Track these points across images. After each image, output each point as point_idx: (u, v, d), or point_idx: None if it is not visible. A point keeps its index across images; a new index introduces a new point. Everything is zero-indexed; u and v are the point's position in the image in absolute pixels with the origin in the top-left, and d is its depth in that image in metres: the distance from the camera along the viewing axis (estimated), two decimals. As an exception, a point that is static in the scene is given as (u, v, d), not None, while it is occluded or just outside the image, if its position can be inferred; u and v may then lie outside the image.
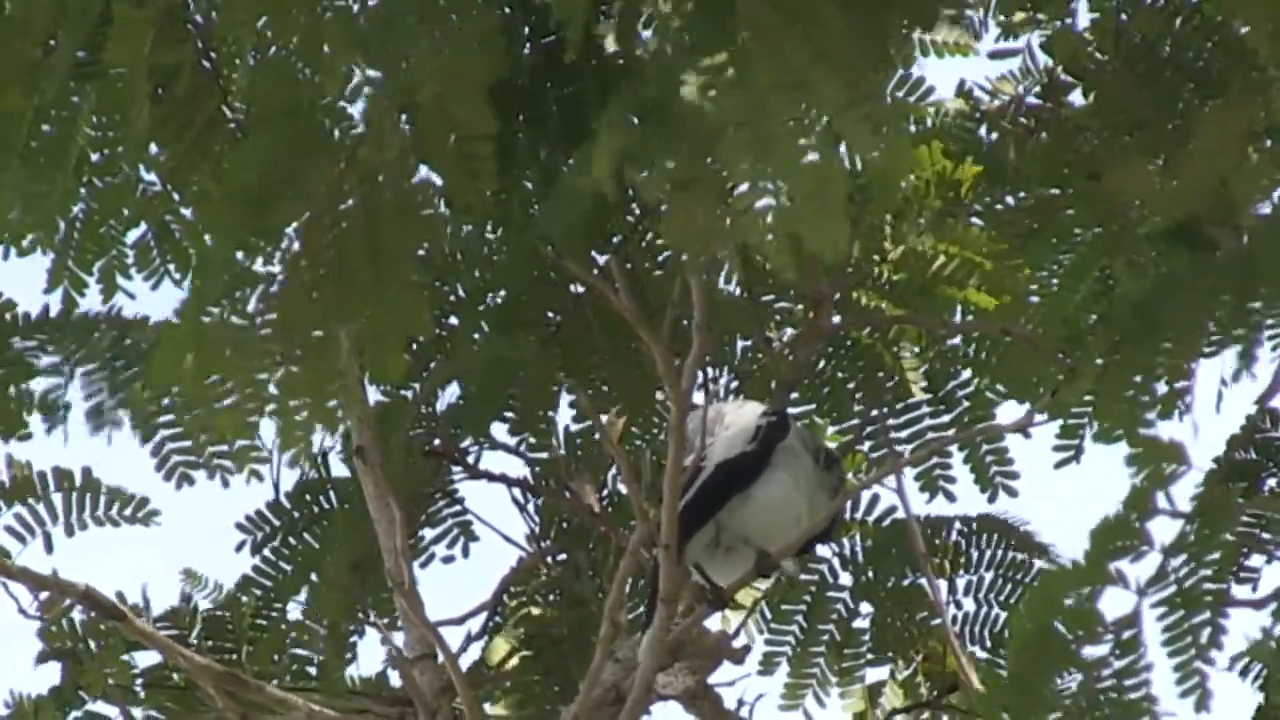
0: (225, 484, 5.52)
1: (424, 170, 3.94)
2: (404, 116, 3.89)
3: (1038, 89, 5.19)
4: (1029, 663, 3.87)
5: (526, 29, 4.14)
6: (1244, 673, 4.74)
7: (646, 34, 3.86)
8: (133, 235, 5.56)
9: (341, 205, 3.82)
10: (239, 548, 6.07)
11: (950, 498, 5.89)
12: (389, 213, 3.83)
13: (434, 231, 3.91)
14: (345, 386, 3.79)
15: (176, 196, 5.06)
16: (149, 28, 4.05)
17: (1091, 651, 3.88)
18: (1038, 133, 5.13)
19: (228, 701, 5.52)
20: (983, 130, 5.35)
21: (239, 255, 3.84)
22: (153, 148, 4.56)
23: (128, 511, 5.74)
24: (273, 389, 3.74)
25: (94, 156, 4.66)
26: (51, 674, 5.89)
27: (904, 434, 5.96)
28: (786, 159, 3.48)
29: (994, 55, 5.33)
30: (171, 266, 5.59)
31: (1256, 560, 4.42)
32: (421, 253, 3.94)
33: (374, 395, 5.91)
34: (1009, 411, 5.91)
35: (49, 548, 5.71)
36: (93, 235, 5.42)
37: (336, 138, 3.88)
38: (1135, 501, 3.93)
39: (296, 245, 3.80)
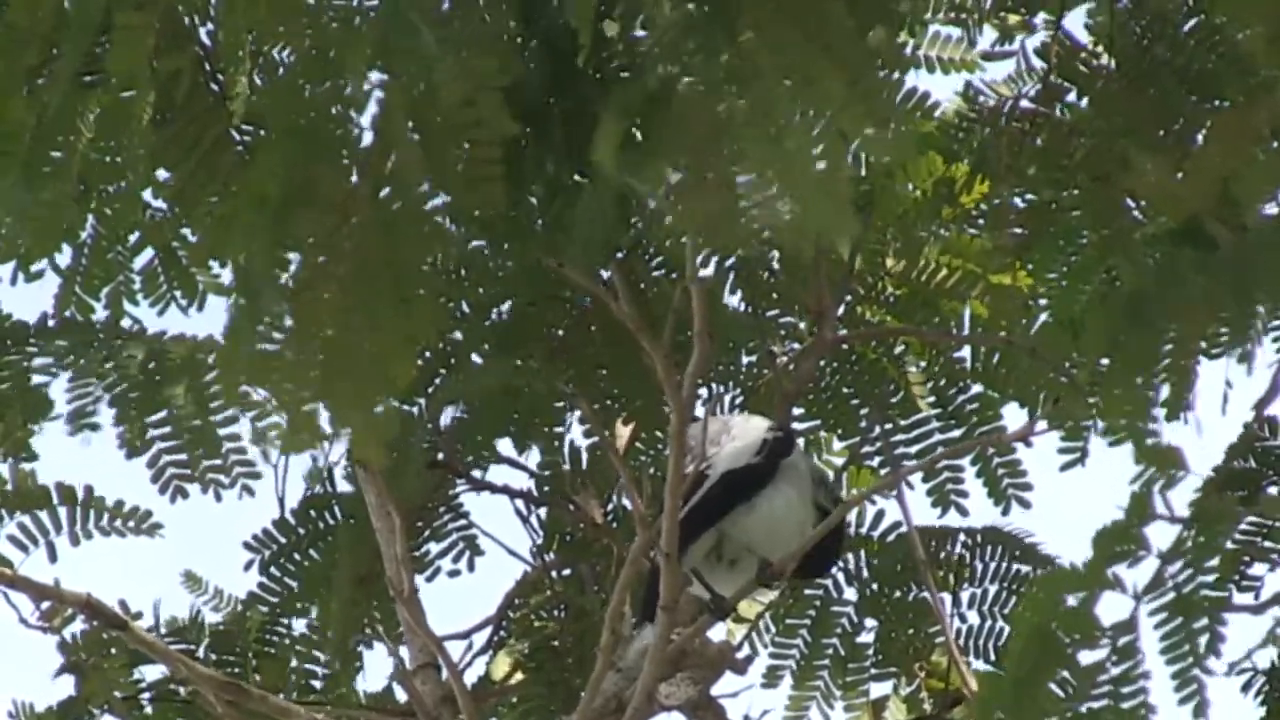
0: (218, 498, 5.55)
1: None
2: (410, 125, 3.91)
3: (1033, 92, 5.20)
4: (1029, 666, 3.85)
5: (531, 42, 4.15)
6: (1246, 687, 4.71)
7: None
8: (139, 261, 5.59)
9: (356, 217, 3.83)
10: (248, 566, 6.09)
11: (963, 511, 5.90)
12: (400, 222, 3.84)
13: (444, 241, 3.92)
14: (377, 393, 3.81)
15: (183, 221, 5.08)
16: (150, 33, 4.06)
17: (1088, 657, 3.86)
18: (1033, 135, 5.13)
19: (229, 710, 5.52)
20: (978, 131, 5.36)
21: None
22: (160, 173, 4.59)
23: (131, 524, 5.76)
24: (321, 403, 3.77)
25: (101, 175, 4.69)
26: (56, 683, 5.91)
27: (913, 449, 5.96)
28: (794, 153, 3.50)
29: (988, 57, 5.34)
30: (178, 293, 5.62)
31: (1259, 569, 4.41)
32: (427, 266, 3.96)
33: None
34: (1017, 422, 5.93)
35: (52, 557, 5.74)
36: (100, 261, 5.46)
37: (346, 148, 3.90)
38: (1136, 508, 3.92)
39: (319, 258, 3.81)
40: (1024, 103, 5.23)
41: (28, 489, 5.73)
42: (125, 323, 5.67)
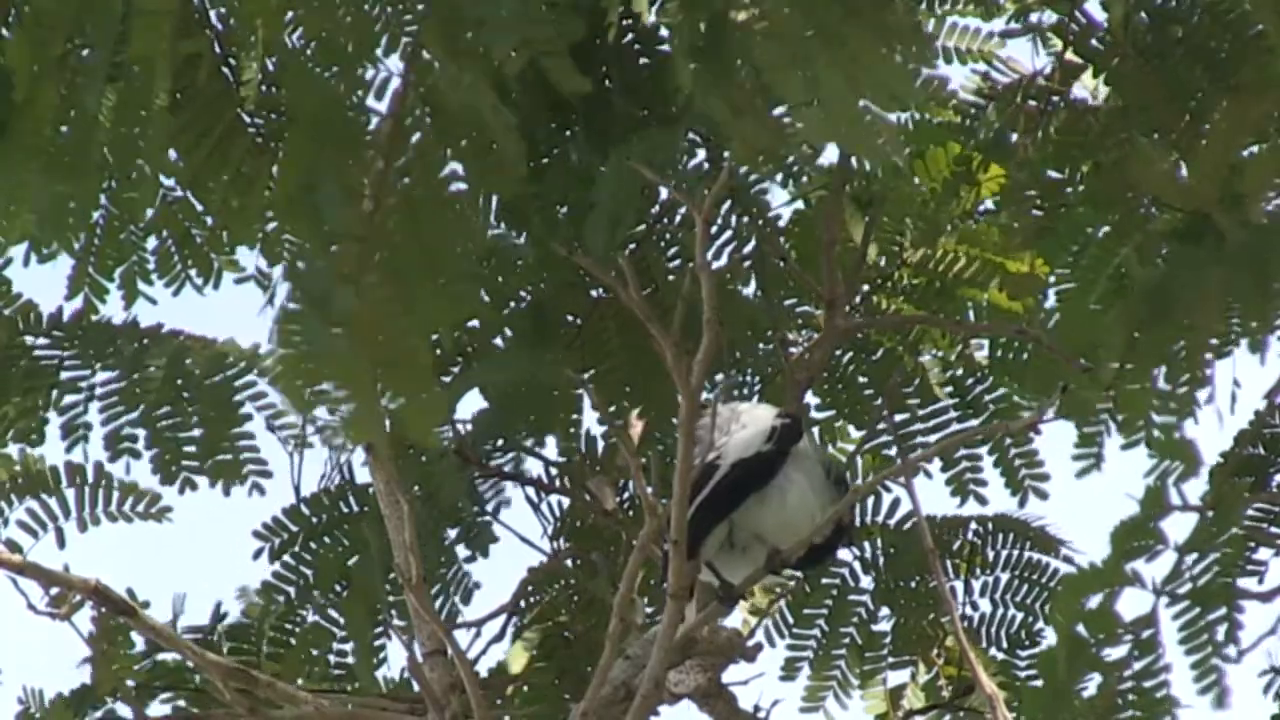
0: (226, 493, 5.54)
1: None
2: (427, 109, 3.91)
3: (1048, 69, 5.21)
4: (1064, 672, 3.86)
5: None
6: (1266, 689, 4.69)
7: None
8: (153, 241, 5.57)
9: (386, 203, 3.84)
10: (256, 555, 6.07)
11: (981, 500, 5.89)
12: (424, 207, 3.84)
13: (469, 226, 3.93)
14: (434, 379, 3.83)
15: (199, 206, 5.08)
16: (170, 18, 4.06)
17: (1111, 653, 3.87)
18: (1047, 114, 5.14)
19: (238, 698, 5.52)
20: (992, 108, 5.36)
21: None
22: (173, 154, 4.59)
23: (140, 508, 5.74)
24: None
25: (116, 159, 4.67)
26: (63, 670, 5.90)
27: (931, 438, 5.94)
28: (832, 95, 3.54)
29: (1005, 35, 5.35)
30: (193, 272, 5.60)
31: (1264, 554, 4.41)
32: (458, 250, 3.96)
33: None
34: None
35: (61, 543, 5.73)
36: (113, 241, 5.44)
37: (369, 136, 3.90)
38: (1152, 501, 3.92)
39: (358, 247, 3.82)
40: (1039, 81, 5.23)
41: (36, 472, 5.72)
42: (140, 304, 5.66)
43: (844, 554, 5.93)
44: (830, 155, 5.50)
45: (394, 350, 3.74)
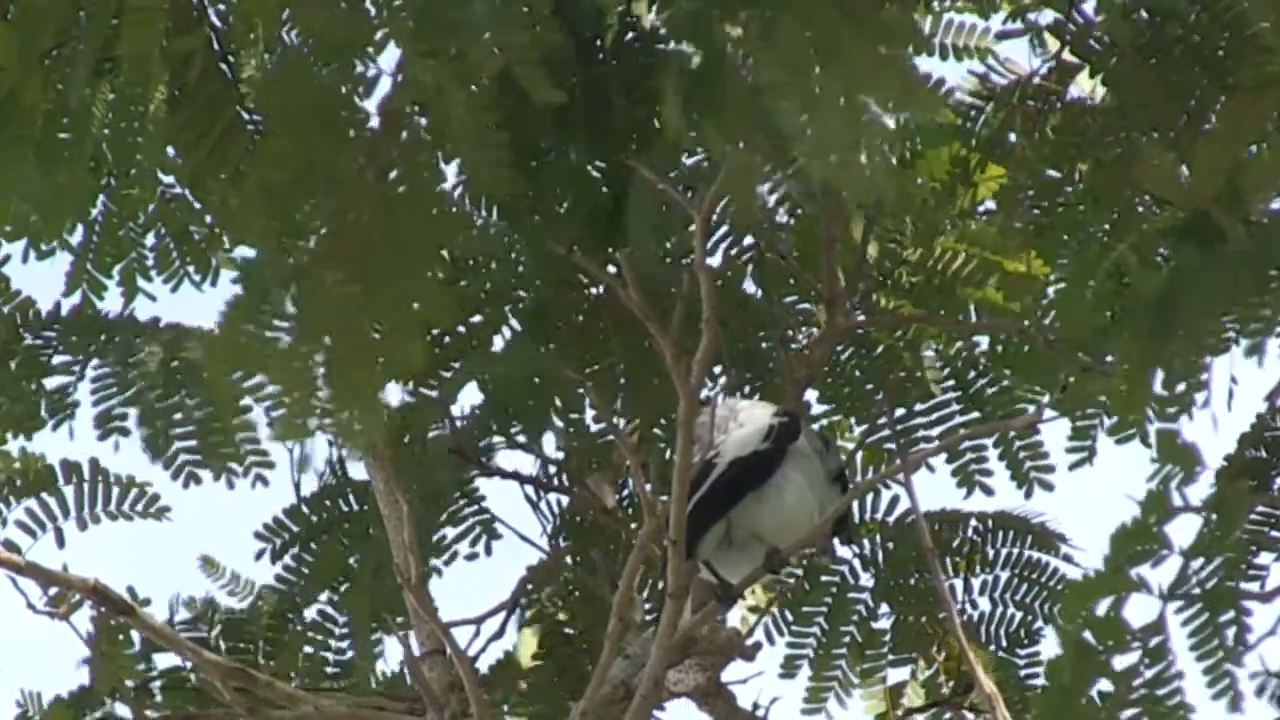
0: (230, 485, 5.52)
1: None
2: (418, 107, 3.90)
3: (1045, 70, 5.20)
4: (1070, 677, 3.85)
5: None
6: (1260, 691, 4.66)
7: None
8: (151, 237, 5.57)
9: (363, 200, 3.82)
10: (259, 556, 6.06)
11: (987, 491, 5.86)
12: (404, 204, 3.83)
13: (452, 224, 3.91)
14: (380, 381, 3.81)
15: (197, 204, 5.07)
16: (163, 15, 4.05)
17: (1122, 661, 3.85)
18: (1045, 114, 5.13)
19: (237, 698, 5.51)
20: (989, 109, 5.36)
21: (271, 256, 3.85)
22: (171, 151, 4.58)
23: (139, 506, 5.74)
24: (320, 389, 3.76)
25: (114, 154, 4.67)
26: (62, 670, 5.89)
27: (934, 431, 5.93)
28: (828, 118, 3.52)
29: (1002, 35, 5.35)
30: (191, 269, 5.60)
31: (1265, 558, 4.40)
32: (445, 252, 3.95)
33: (401, 394, 5.90)
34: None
35: (60, 542, 5.72)
36: (112, 238, 5.44)
37: (354, 132, 3.88)
38: (1153, 505, 3.91)
39: (318, 243, 3.80)
40: (1036, 81, 5.22)
41: (35, 471, 5.71)
42: (138, 300, 5.65)
43: (843, 551, 5.93)
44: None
45: (349, 350, 3.72)
